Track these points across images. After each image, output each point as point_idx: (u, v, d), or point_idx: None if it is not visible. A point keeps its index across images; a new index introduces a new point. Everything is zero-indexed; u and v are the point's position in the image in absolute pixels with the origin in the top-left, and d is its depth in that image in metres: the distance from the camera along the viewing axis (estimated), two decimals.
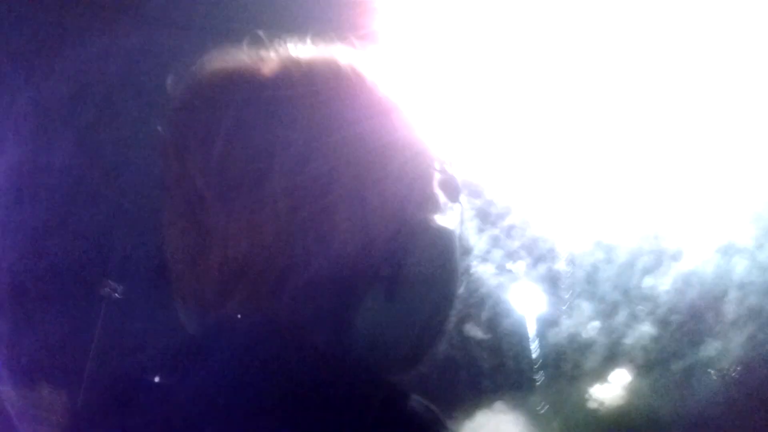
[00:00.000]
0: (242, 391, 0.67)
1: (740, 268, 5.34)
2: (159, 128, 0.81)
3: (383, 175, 0.77)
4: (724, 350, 6.00)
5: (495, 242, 5.70)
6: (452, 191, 0.84)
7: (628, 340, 6.02)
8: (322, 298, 0.74)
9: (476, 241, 5.55)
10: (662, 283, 5.60)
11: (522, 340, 6.52)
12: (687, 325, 5.96)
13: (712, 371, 6.22)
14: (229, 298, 0.74)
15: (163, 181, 0.80)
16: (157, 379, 0.72)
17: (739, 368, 6.01)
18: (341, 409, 0.67)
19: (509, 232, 5.66)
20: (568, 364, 6.54)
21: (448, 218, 0.83)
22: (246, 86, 0.79)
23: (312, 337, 0.74)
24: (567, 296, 6.07)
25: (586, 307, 6.04)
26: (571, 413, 6.79)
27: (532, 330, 6.51)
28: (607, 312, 5.95)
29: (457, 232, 0.82)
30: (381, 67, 0.83)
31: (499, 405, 6.87)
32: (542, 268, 5.95)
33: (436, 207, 0.82)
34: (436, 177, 0.83)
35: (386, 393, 0.72)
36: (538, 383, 6.73)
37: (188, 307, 0.79)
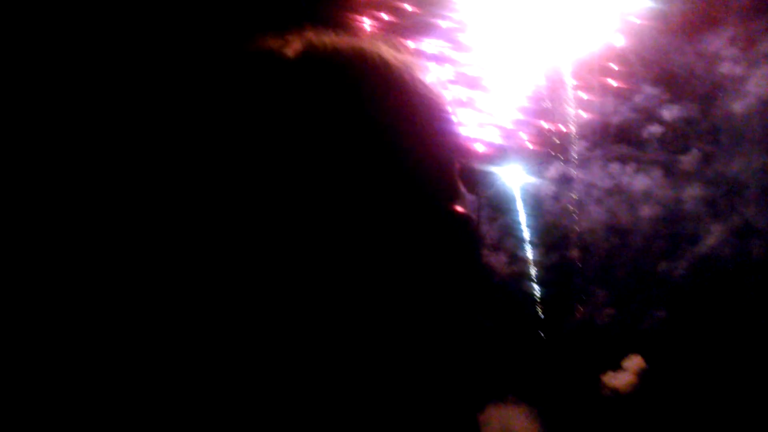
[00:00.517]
0: None
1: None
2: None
3: (407, 161, 0.77)
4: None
5: (507, 231, 5.60)
6: (471, 181, 0.86)
7: (643, 327, 5.95)
8: None
9: (488, 229, 5.45)
10: (677, 268, 5.54)
11: (535, 329, 6.44)
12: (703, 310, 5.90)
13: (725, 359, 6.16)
14: None
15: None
16: None
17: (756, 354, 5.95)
18: None
19: (522, 220, 5.57)
20: (582, 353, 6.47)
21: (467, 206, 0.85)
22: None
23: None
24: (580, 284, 5.99)
25: (600, 294, 5.96)
26: (584, 403, 6.73)
27: (544, 317, 6.43)
28: (622, 299, 5.88)
29: (475, 220, 0.84)
30: (405, 58, 0.84)
31: (510, 397, 6.80)
32: (555, 255, 5.87)
33: (456, 195, 0.83)
34: (457, 167, 0.85)
35: None
36: (550, 374, 6.66)
37: None
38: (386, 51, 0.82)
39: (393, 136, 0.76)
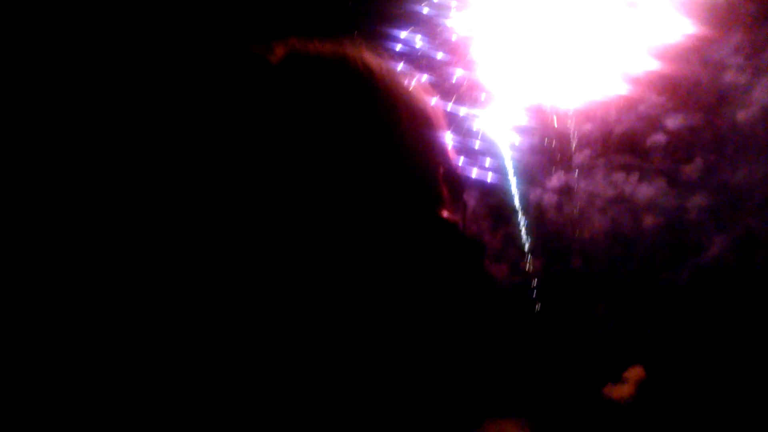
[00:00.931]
0: None
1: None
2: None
3: (388, 165, 0.78)
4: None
5: (508, 241, 5.55)
6: (456, 187, 0.87)
7: (645, 338, 5.91)
8: None
9: (489, 240, 5.40)
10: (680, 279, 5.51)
11: (535, 339, 6.38)
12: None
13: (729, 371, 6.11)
14: None
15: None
16: None
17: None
18: None
19: (523, 230, 5.52)
20: (583, 364, 6.42)
21: (452, 212, 0.86)
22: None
23: None
24: (582, 294, 5.95)
25: (602, 304, 5.92)
26: (584, 415, 6.66)
27: (545, 327, 6.37)
28: (624, 309, 5.84)
29: (461, 225, 0.85)
30: (389, 65, 0.85)
31: (508, 409, 6.68)
32: (557, 266, 5.83)
33: (439, 201, 0.83)
34: (441, 172, 0.85)
35: None
36: (550, 385, 6.59)
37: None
38: (369, 57, 0.83)
39: (374, 140, 0.76)
